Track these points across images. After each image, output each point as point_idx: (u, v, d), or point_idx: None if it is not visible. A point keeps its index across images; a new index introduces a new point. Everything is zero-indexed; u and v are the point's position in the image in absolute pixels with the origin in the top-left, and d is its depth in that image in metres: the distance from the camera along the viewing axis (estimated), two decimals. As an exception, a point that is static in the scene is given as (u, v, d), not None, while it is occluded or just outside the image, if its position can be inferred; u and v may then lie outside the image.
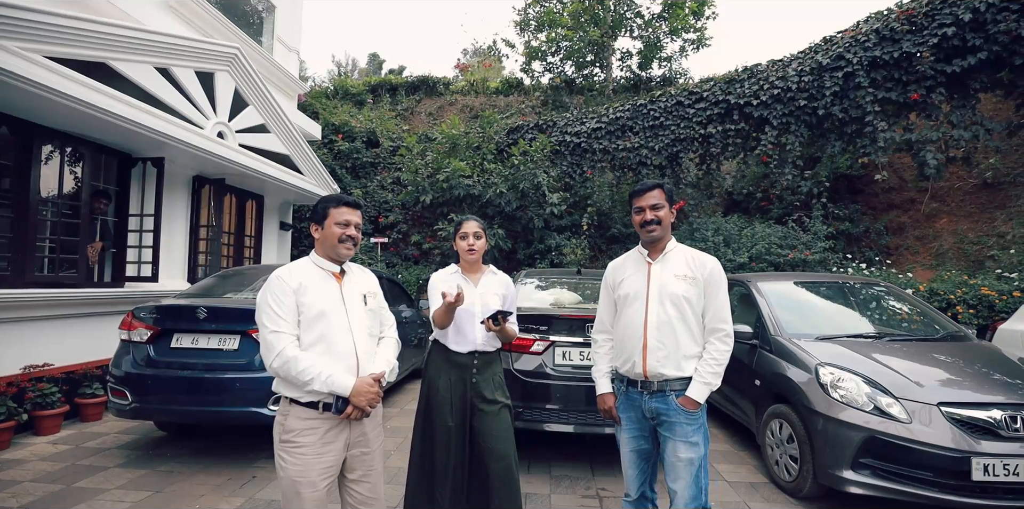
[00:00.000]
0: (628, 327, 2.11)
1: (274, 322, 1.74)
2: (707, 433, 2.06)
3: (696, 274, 2.07)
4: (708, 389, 2.00)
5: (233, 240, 7.15)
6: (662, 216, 2.09)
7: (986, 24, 6.41)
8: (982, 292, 6.20)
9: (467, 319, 2.37)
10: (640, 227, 2.13)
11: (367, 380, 1.79)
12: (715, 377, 2.00)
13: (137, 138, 4.79)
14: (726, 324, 2.04)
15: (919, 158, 6.95)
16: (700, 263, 2.09)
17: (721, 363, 2.01)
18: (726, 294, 2.10)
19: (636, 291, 2.12)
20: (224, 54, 5.67)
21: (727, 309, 2.07)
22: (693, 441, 1.99)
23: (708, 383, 1.99)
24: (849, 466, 2.89)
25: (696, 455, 1.98)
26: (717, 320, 2.04)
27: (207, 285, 4.27)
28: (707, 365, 2.01)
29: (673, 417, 2.01)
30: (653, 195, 2.10)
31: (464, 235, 2.45)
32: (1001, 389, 2.95)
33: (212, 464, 3.54)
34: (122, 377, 3.48)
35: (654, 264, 2.14)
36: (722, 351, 2.02)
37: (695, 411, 2.00)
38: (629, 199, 2.22)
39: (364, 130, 11.90)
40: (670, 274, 2.09)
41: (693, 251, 2.18)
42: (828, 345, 3.51)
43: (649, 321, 2.05)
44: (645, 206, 2.10)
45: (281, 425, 1.78)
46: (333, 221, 1.88)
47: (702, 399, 2.00)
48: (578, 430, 3.42)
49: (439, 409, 2.33)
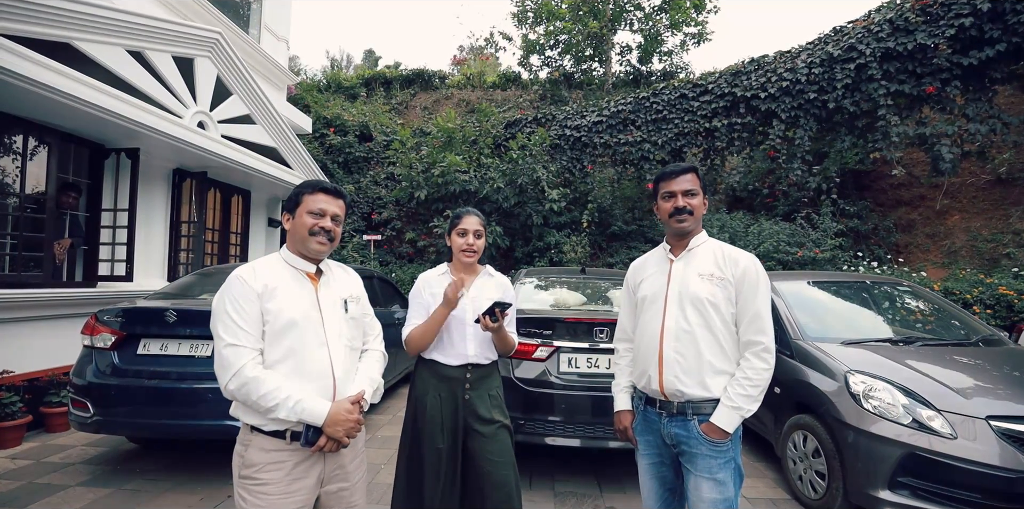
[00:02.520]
0: (644, 335, 1.80)
1: (232, 334, 1.43)
2: (740, 469, 1.71)
3: (725, 273, 1.72)
4: (738, 415, 1.63)
5: (217, 237, 6.81)
6: (695, 205, 1.76)
7: (1005, 14, 6.15)
8: (1000, 292, 5.97)
9: (457, 328, 2.03)
10: (669, 217, 1.78)
11: (344, 405, 1.48)
12: (748, 401, 1.62)
13: (108, 127, 4.44)
14: (764, 336, 1.67)
15: (934, 153, 6.70)
16: (731, 260, 1.74)
17: (756, 384, 1.64)
18: (766, 299, 1.73)
19: (654, 293, 1.80)
20: (204, 38, 5.32)
21: (766, 318, 1.70)
22: (719, 478, 1.63)
23: (738, 408, 1.62)
24: (886, 485, 2.63)
25: (722, 496, 1.63)
26: (753, 331, 1.68)
27: (183, 285, 3.94)
28: (738, 386, 1.64)
29: (694, 447, 1.67)
30: (687, 179, 1.76)
31: (463, 231, 2.10)
32: (1052, 401, 2.69)
33: (184, 481, 3.22)
34: (83, 387, 3.15)
35: (676, 261, 1.82)
36: (758, 369, 1.64)
37: (722, 442, 1.64)
38: (655, 183, 1.86)
39: (357, 124, 11.55)
40: (693, 273, 1.75)
41: (725, 246, 1.82)
42: (856, 350, 3.24)
43: (666, 328, 1.73)
44: (678, 191, 1.76)
45: (240, 457, 1.47)
46: (305, 209, 1.57)
47: (730, 427, 1.63)
48: (585, 444, 3.14)
49: (427, 430, 2.00)
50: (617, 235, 9.18)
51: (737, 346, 1.72)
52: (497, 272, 2.28)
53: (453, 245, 2.14)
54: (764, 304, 1.71)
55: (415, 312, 2.09)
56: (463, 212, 2.15)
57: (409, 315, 2.11)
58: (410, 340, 2.05)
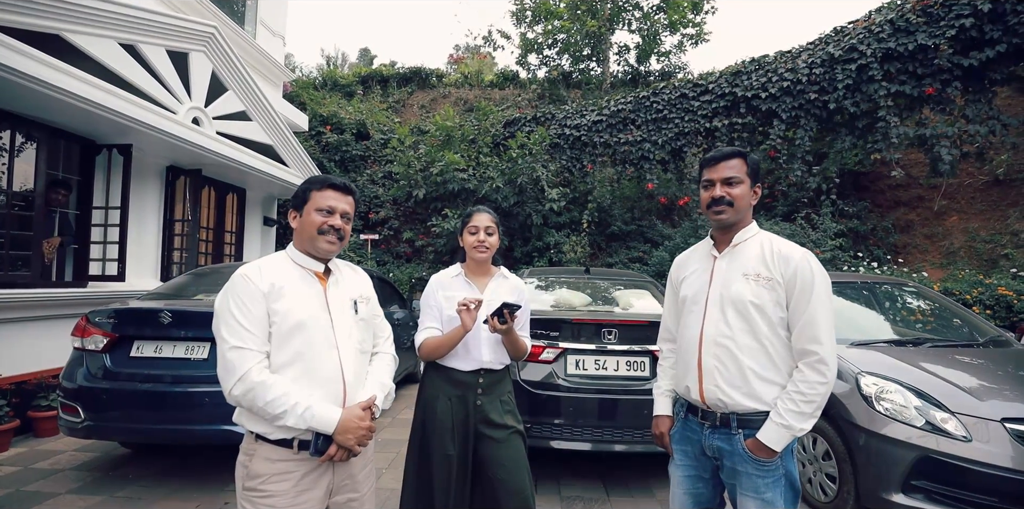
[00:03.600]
0: (684, 339, 1.68)
1: (237, 335, 1.35)
2: (795, 485, 1.52)
3: (773, 273, 1.53)
4: (788, 434, 1.44)
5: (212, 236, 6.68)
6: (736, 195, 1.57)
7: (1005, 15, 6.16)
8: (999, 292, 5.97)
9: (472, 334, 1.95)
10: (707, 207, 1.62)
11: (356, 412, 1.40)
12: (800, 418, 1.43)
13: (99, 122, 4.32)
14: (820, 346, 1.46)
15: (933, 154, 6.70)
16: (782, 258, 1.53)
17: (811, 399, 1.44)
18: (823, 302, 1.50)
19: (695, 293, 1.66)
20: (199, 32, 5.21)
21: (823, 324, 1.47)
22: (766, 498, 1.48)
23: (788, 426, 1.43)
24: (900, 489, 2.58)
25: None
26: (806, 339, 1.47)
27: (178, 285, 3.83)
28: (788, 401, 1.46)
29: (739, 464, 1.52)
30: (731, 165, 1.58)
31: (474, 229, 2.03)
32: (1065, 403, 2.65)
33: (179, 489, 3.12)
34: (74, 390, 3.04)
35: (720, 258, 1.65)
36: (812, 382, 1.44)
37: (769, 461, 1.48)
38: (700, 170, 1.68)
39: (354, 122, 11.43)
40: (737, 272, 1.58)
41: (776, 240, 1.60)
42: (866, 352, 3.19)
43: (705, 333, 1.58)
44: (716, 179, 1.59)
45: (245, 468, 1.39)
46: (314, 206, 1.48)
47: (779, 446, 1.45)
48: (593, 448, 3.07)
49: (437, 435, 1.92)
50: (616, 235, 9.13)
51: (790, 353, 1.54)
52: (512, 274, 2.21)
53: (465, 243, 2.08)
54: (820, 308, 1.49)
55: (427, 315, 2.02)
56: (474, 210, 2.10)
57: (422, 319, 2.04)
58: (423, 350, 1.98)
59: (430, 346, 1.96)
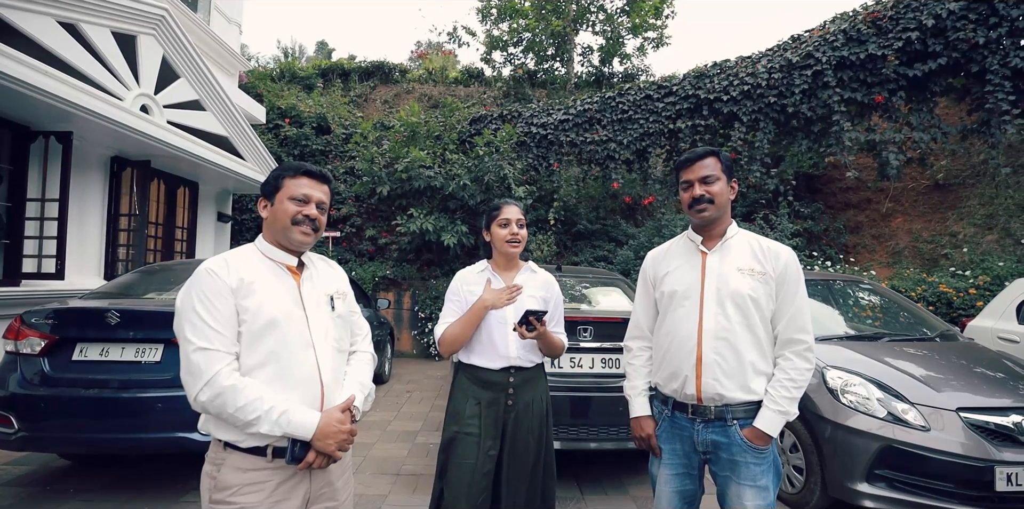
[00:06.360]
0: (675, 335, 1.66)
1: (202, 336, 1.22)
2: (779, 469, 1.61)
3: (766, 268, 1.61)
4: (783, 419, 1.55)
5: (162, 232, 6.31)
6: (716, 192, 1.63)
7: (946, 31, 6.57)
8: (940, 289, 6.35)
9: (498, 327, 1.87)
10: (688, 207, 1.68)
11: (335, 415, 1.30)
12: (792, 403, 1.54)
13: (35, 106, 3.97)
14: (806, 334, 1.59)
15: (882, 158, 7.07)
16: (772, 254, 1.63)
17: (800, 385, 1.56)
18: (805, 295, 1.64)
19: (686, 288, 1.66)
20: (149, 14, 4.88)
21: (807, 315, 1.61)
22: (762, 485, 1.55)
23: (784, 411, 1.53)
24: (864, 478, 2.68)
25: (765, 502, 1.54)
26: (794, 329, 1.58)
27: (124, 283, 3.57)
28: (781, 388, 1.55)
29: (737, 455, 1.56)
30: (706, 164, 1.64)
31: (505, 221, 1.92)
32: (1011, 392, 2.82)
33: (128, 501, 2.89)
34: (7, 399, 2.76)
35: (710, 254, 1.68)
36: (801, 370, 1.56)
37: (765, 448, 1.56)
38: (675, 172, 1.75)
39: (314, 115, 11.04)
40: (731, 267, 1.63)
41: (761, 238, 1.71)
42: (830, 346, 3.30)
43: (705, 327, 1.60)
44: (694, 179, 1.64)
45: (212, 479, 1.27)
46: (287, 194, 1.37)
47: (775, 432, 1.55)
48: (565, 446, 3.05)
49: (464, 443, 1.82)
50: (582, 234, 9.20)
51: (773, 345, 1.63)
52: (540, 268, 2.11)
53: (494, 238, 1.96)
54: (803, 300, 1.62)
55: (451, 310, 1.93)
56: (502, 202, 1.98)
57: (444, 313, 1.95)
58: (444, 339, 1.88)
59: (451, 333, 1.86)
